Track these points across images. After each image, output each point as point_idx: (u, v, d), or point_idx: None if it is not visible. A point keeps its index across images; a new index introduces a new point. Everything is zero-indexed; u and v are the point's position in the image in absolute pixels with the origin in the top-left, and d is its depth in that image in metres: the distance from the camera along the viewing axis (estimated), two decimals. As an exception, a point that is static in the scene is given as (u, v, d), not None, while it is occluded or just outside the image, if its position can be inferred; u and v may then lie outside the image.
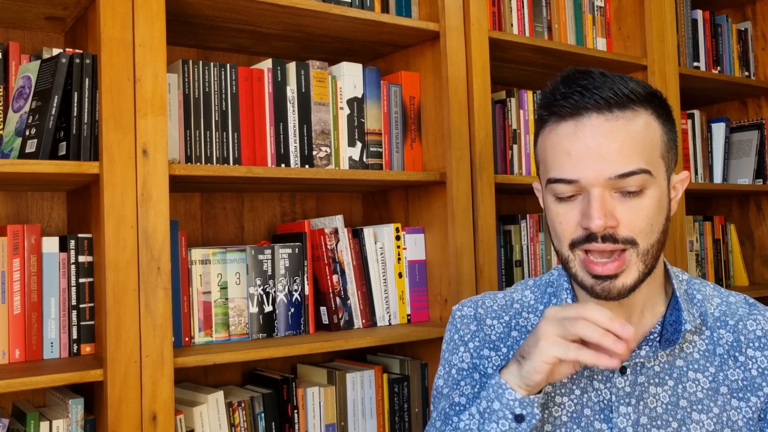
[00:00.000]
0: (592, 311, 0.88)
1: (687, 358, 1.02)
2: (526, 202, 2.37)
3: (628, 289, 0.97)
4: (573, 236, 0.98)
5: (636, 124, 0.96)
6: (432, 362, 1.79)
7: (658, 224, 0.97)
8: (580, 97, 0.95)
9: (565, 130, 0.97)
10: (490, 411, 0.94)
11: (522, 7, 2.03)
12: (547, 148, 1.00)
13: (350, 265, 1.74)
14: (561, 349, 0.89)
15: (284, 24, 1.67)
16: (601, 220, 0.93)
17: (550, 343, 0.90)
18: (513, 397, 0.93)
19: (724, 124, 2.63)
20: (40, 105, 1.36)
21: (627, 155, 0.94)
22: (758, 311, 1.06)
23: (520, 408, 0.92)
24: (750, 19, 2.80)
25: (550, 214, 1.01)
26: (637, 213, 0.95)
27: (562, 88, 0.98)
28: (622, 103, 0.95)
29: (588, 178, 0.95)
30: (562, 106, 0.97)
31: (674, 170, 1.04)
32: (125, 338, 1.33)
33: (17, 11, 1.51)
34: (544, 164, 1.02)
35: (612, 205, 0.95)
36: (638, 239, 0.95)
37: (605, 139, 0.94)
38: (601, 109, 0.95)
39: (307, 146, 1.66)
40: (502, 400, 0.93)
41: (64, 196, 1.65)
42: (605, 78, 0.97)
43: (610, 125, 0.95)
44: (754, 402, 1.00)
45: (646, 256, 0.97)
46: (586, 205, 0.95)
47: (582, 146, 0.95)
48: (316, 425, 1.64)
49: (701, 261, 2.59)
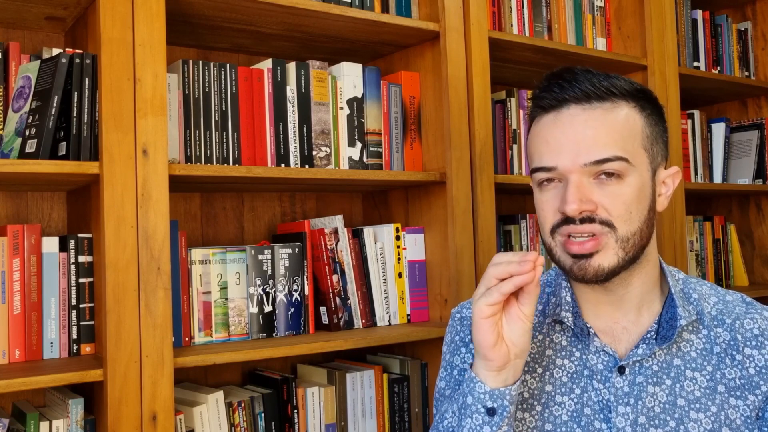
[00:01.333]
0: (497, 256, 0.94)
1: (684, 357, 1.02)
2: (526, 202, 2.37)
3: (605, 272, 0.98)
4: (552, 222, 1.01)
5: (614, 114, 0.99)
6: (432, 362, 1.80)
7: (638, 212, 0.99)
8: (561, 89, 1.00)
9: (546, 121, 1.02)
10: (465, 406, 0.96)
11: (522, 7, 2.04)
12: (531, 139, 1.05)
13: (350, 265, 1.74)
14: (485, 296, 0.92)
15: (284, 24, 1.67)
16: (575, 204, 0.96)
17: (477, 299, 0.93)
18: (483, 390, 0.94)
19: (724, 124, 2.63)
20: (40, 105, 1.36)
21: (603, 142, 0.97)
22: (755, 310, 1.06)
23: (491, 401, 0.94)
24: (750, 19, 2.80)
25: (536, 204, 1.05)
26: (615, 198, 0.97)
27: (545, 82, 1.03)
28: (601, 95, 0.99)
29: (565, 164, 0.98)
30: (544, 98, 1.02)
31: (663, 165, 1.05)
32: (125, 338, 1.33)
33: (17, 11, 1.51)
34: (530, 156, 1.06)
35: (590, 191, 0.97)
36: (616, 223, 0.97)
37: (581, 126, 0.98)
38: (579, 101, 0.99)
39: (307, 146, 1.66)
40: (474, 394, 0.95)
41: (64, 196, 1.65)
42: (588, 73, 1.01)
43: (587, 114, 0.99)
44: (752, 400, 1.00)
45: (626, 243, 0.98)
46: (564, 191, 0.98)
47: (559, 134, 0.99)
48: (316, 425, 1.64)
49: (701, 261, 2.60)
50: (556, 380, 1.05)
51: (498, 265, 0.92)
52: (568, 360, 1.05)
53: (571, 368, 1.05)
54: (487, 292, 0.92)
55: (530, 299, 0.93)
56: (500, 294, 0.91)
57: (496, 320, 0.93)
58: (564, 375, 1.05)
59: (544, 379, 1.05)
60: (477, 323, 0.93)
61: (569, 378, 1.04)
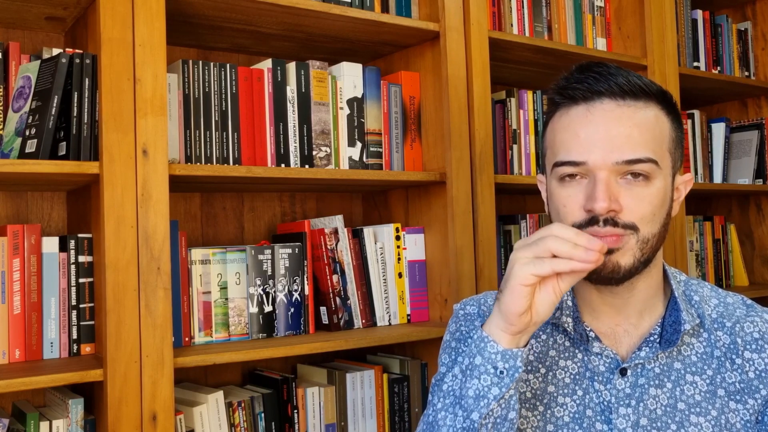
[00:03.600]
0: (559, 228, 0.88)
1: (685, 361, 1.02)
2: (526, 202, 2.37)
3: (621, 271, 0.96)
4: (575, 220, 0.97)
5: (646, 114, 0.97)
6: (432, 362, 1.79)
7: (660, 215, 0.98)
8: (595, 81, 0.97)
9: (576, 112, 0.98)
10: (472, 367, 0.91)
11: (522, 7, 2.03)
12: (556, 130, 1.01)
13: (350, 265, 1.74)
14: (535, 266, 0.87)
15: (284, 24, 1.67)
16: (605, 202, 0.93)
17: (523, 263, 0.87)
18: (495, 350, 0.90)
19: (724, 124, 2.63)
20: (40, 105, 1.36)
21: (636, 142, 0.95)
22: (756, 313, 1.06)
23: (502, 361, 0.90)
24: (750, 19, 2.80)
25: (554, 198, 1.00)
26: (641, 200, 0.95)
27: (576, 74, 1.00)
28: (635, 92, 0.97)
29: (596, 161, 0.95)
30: (575, 89, 0.98)
31: (679, 171, 1.04)
32: (125, 338, 1.33)
33: (17, 11, 1.51)
34: (552, 148, 1.02)
35: (617, 191, 0.95)
36: (639, 225, 0.95)
37: (615, 123, 0.95)
38: (613, 95, 0.96)
39: (307, 146, 1.66)
40: (484, 354, 0.91)
41: (64, 196, 1.65)
42: (620, 69, 0.99)
43: (621, 111, 0.96)
44: (751, 404, 1.00)
45: (645, 245, 0.96)
46: (591, 187, 0.95)
47: (592, 129, 0.96)
48: (316, 425, 1.64)
49: (701, 261, 2.59)
50: (558, 381, 1.05)
51: (561, 240, 0.86)
52: (571, 361, 1.05)
53: (574, 369, 1.04)
54: (537, 261, 0.86)
55: (573, 280, 0.89)
56: (552, 270, 0.86)
57: (533, 289, 0.89)
58: (567, 376, 1.04)
59: (547, 380, 1.05)
60: (514, 288, 0.88)
61: (572, 379, 1.04)
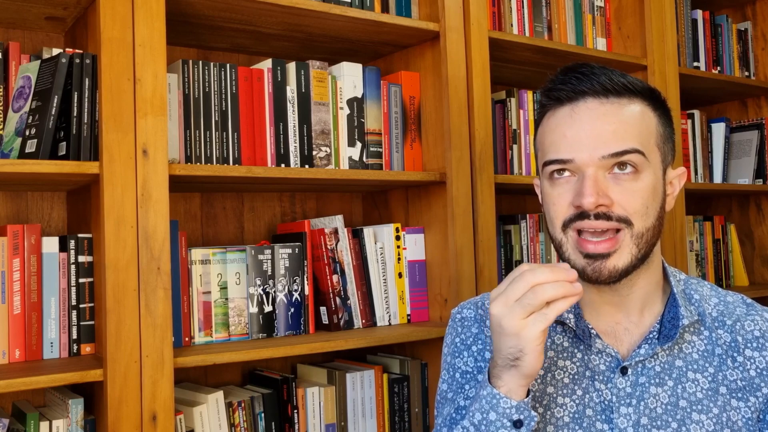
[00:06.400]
0: (533, 275, 0.88)
1: (686, 359, 1.02)
2: (526, 202, 2.37)
3: (619, 272, 0.97)
4: (565, 216, 0.99)
5: (631, 110, 0.99)
6: (432, 362, 1.80)
7: (653, 209, 0.99)
8: (578, 82, 0.99)
9: (563, 113, 1.00)
10: (487, 422, 0.93)
11: (522, 7, 2.03)
12: (545, 132, 1.03)
13: (350, 265, 1.74)
14: (539, 322, 0.87)
15: (284, 24, 1.67)
16: (593, 197, 0.95)
17: (526, 325, 0.88)
18: (509, 404, 0.92)
19: (724, 124, 2.63)
20: (40, 105, 1.36)
21: (621, 136, 0.97)
22: (756, 311, 1.06)
23: (517, 414, 0.92)
24: (750, 19, 2.80)
25: (545, 198, 1.03)
26: (632, 194, 0.97)
27: (561, 76, 1.02)
28: (618, 90, 0.99)
29: (582, 158, 0.97)
30: (560, 90, 1.01)
31: (671, 166, 1.05)
32: (125, 338, 1.33)
33: (17, 11, 1.51)
34: (542, 149, 1.04)
35: (606, 185, 0.97)
36: (633, 219, 0.97)
37: (600, 121, 0.97)
38: (597, 94, 0.99)
39: (307, 146, 1.66)
40: (498, 410, 0.92)
41: (64, 196, 1.65)
42: (603, 68, 1.00)
43: (605, 108, 0.98)
44: (753, 402, 1.00)
45: (640, 239, 0.97)
46: (579, 184, 0.97)
47: (577, 127, 0.98)
48: (316, 425, 1.64)
49: (701, 261, 2.59)
50: (557, 382, 1.05)
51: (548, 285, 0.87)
52: (570, 361, 1.05)
53: (573, 369, 1.04)
54: (541, 316, 0.87)
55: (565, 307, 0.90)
56: (555, 316, 0.88)
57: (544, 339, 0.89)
58: (565, 376, 1.04)
59: (545, 381, 1.05)
60: (534, 350, 0.88)
61: (571, 379, 1.04)
